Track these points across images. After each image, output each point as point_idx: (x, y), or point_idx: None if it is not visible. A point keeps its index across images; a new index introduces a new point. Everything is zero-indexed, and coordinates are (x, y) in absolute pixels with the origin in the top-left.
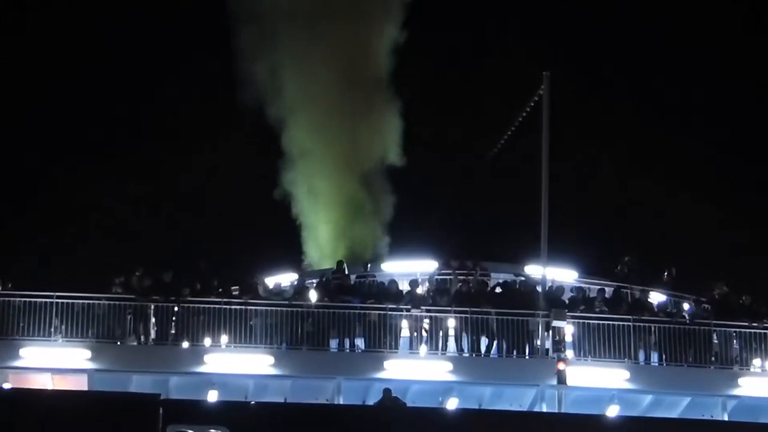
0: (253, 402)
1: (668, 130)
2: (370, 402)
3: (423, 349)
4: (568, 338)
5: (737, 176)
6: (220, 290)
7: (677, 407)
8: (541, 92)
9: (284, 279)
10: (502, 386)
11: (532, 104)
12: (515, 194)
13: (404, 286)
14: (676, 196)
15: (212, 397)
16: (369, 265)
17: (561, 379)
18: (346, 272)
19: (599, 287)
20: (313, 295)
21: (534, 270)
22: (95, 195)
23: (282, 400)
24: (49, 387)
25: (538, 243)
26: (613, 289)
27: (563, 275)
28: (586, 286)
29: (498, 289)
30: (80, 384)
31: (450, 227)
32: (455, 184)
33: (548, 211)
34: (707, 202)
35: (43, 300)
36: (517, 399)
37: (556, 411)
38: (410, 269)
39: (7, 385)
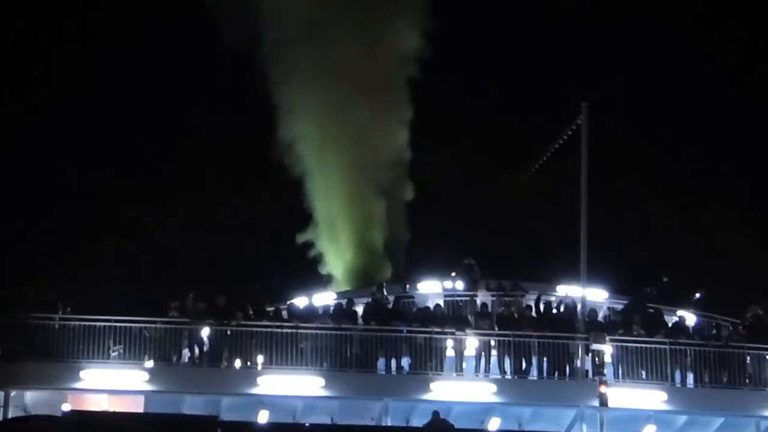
0: (307, 424)
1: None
2: (414, 422)
3: (467, 370)
4: (607, 359)
5: None
6: (272, 314)
7: (711, 427)
8: (579, 122)
9: (317, 300)
10: (542, 407)
11: (570, 133)
12: (547, 216)
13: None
14: (709, 218)
15: (263, 417)
16: (408, 286)
17: (603, 401)
18: (385, 293)
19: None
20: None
21: (566, 290)
22: (148, 220)
23: (329, 420)
24: (106, 407)
25: (569, 263)
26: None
27: (594, 295)
28: (618, 306)
29: (532, 310)
30: (136, 404)
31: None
32: (487, 205)
33: (587, 235)
34: (741, 226)
35: (102, 324)
36: (555, 419)
37: None
38: (444, 289)
39: (66, 406)
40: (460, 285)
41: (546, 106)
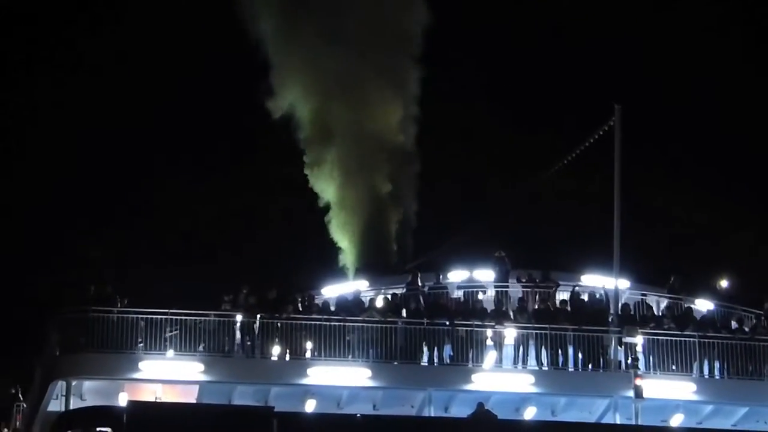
0: (359, 415)
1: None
2: (453, 410)
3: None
4: (638, 349)
5: None
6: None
7: (735, 416)
8: (611, 123)
9: (343, 289)
10: (577, 397)
11: (601, 133)
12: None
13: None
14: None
15: (310, 406)
16: (441, 276)
17: (638, 393)
18: (420, 283)
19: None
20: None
21: (591, 279)
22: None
23: (371, 407)
24: (160, 397)
25: (592, 253)
26: (667, 301)
27: (614, 283)
28: (641, 297)
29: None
30: (189, 394)
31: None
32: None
33: (620, 235)
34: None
35: (158, 317)
36: (588, 407)
37: (632, 422)
38: (476, 278)
39: (123, 396)
40: (491, 275)
41: (576, 109)
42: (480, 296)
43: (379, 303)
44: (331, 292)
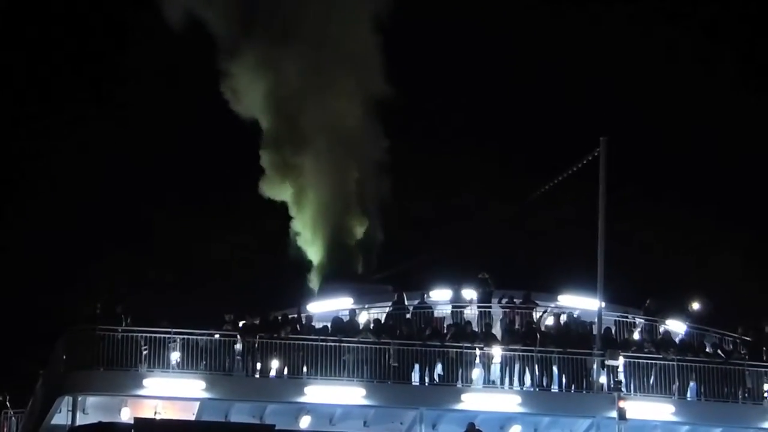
0: None
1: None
2: (441, 428)
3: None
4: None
5: None
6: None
7: None
8: (596, 153)
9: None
10: (561, 417)
11: (585, 162)
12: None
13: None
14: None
15: (305, 422)
16: (425, 296)
17: (621, 415)
18: (406, 302)
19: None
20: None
21: (568, 300)
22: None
23: (362, 425)
24: (160, 413)
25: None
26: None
27: (590, 304)
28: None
29: (549, 321)
30: (187, 410)
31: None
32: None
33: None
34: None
35: (162, 335)
36: (569, 425)
37: None
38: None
39: (126, 411)
40: (473, 294)
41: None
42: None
43: (363, 319)
44: (316, 308)
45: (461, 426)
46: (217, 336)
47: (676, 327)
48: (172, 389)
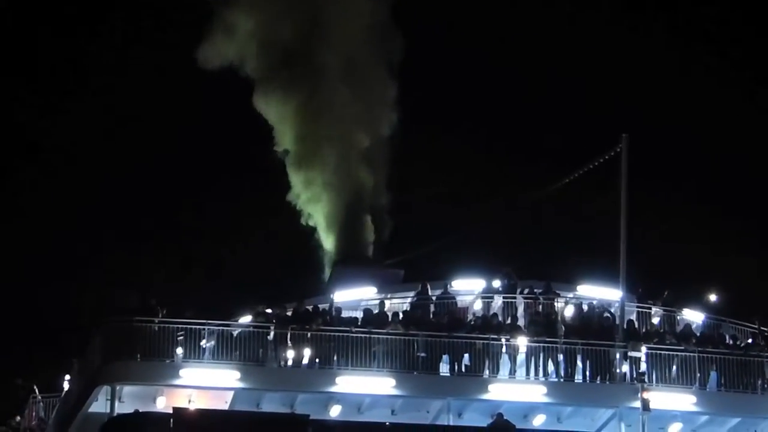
0: (388, 423)
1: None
2: (466, 416)
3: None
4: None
5: None
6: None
7: (728, 424)
8: (618, 150)
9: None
10: (584, 407)
11: (606, 158)
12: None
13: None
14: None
15: (335, 411)
16: (448, 286)
17: (645, 406)
18: (429, 293)
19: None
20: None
21: (587, 290)
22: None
23: (390, 413)
24: (194, 401)
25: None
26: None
27: (610, 294)
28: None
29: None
30: (219, 399)
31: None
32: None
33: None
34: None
35: (198, 327)
36: (591, 415)
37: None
38: (479, 287)
39: (161, 399)
40: (496, 283)
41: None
42: (477, 305)
43: (386, 307)
44: (342, 297)
45: (485, 414)
46: (250, 327)
47: (693, 316)
48: (207, 379)
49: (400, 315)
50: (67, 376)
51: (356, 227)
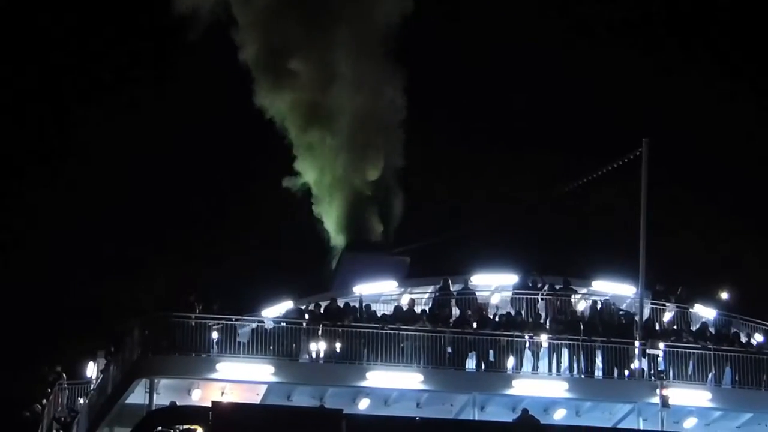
0: (417, 418)
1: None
2: (489, 409)
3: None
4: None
5: None
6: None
7: (740, 419)
8: (638, 153)
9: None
10: (603, 402)
11: (625, 161)
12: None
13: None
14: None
15: (363, 404)
16: (468, 281)
17: (664, 402)
18: (451, 288)
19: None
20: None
21: (602, 286)
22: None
23: (415, 407)
24: (227, 394)
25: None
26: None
27: (623, 290)
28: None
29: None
30: (252, 392)
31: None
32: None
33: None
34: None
35: (234, 322)
36: (609, 410)
37: (656, 428)
38: (497, 282)
39: (197, 392)
40: (514, 279)
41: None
42: (495, 299)
43: (405, 300)
44: (363, 290)
45: (507, 408)
46: (283, 324)
47: (705, 312)
48: (242, 373)
49: (426, 310)
50: (91, 364)
51: (365, 216)
